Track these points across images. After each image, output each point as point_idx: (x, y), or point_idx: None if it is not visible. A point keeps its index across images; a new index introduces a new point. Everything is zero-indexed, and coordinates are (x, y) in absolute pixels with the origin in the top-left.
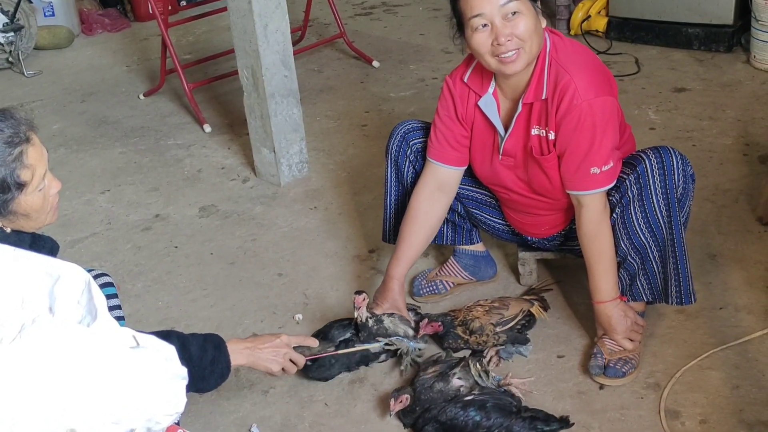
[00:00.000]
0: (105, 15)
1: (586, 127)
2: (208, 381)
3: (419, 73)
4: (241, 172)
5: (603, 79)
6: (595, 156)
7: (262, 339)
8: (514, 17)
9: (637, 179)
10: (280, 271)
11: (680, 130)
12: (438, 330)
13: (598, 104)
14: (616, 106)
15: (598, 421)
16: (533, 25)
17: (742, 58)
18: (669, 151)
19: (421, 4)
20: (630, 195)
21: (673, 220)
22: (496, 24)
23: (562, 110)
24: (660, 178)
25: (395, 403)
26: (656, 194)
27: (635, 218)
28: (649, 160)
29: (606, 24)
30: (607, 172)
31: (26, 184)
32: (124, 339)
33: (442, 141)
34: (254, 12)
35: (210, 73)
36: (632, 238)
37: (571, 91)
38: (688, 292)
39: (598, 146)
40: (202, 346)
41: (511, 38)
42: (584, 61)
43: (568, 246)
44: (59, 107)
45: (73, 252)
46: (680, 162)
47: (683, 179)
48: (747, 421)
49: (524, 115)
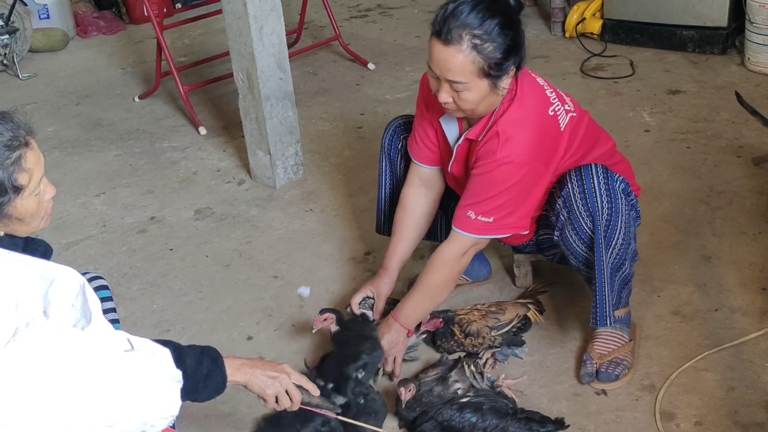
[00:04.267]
0: (100, 17)
1: (491, 176)
2: (200, 394)
3: (414, 76)
4: (237, 174)
5: (540, 150)
6: (480, 204)
7: (263, 362)
8: (460, 87)
9: (564, 203)
10: (275, 274)
11: (675, 132)
12: (438, 326)
13: (514, 166)
14: (537, 177)
15: (593, 422)
16: (478, 99)
17: (737, 60)
18: (590, 170)
19: (416, 6)
20: (562, 218)
21: (595, 241)
22: (442, 84)
23: (482, 152)
24: (581, 199)
25: (405, 392)
26: (581, 215)
27: (572, 239)
28: (570, 183)
29: (601, 26)
30: (482, 223)
31: (23, 188)
32: (118, 342)
33: (419, 141)
34: (249, 14)
35: (205, 76)
36: (577, 257)
37: (496, 142)
38: (604, 315)
39: (490, 198)
40: (199, 358)
41: (451, 101)
42: (529, 127)
43: (545, 254)
44: (54, 110)
45: (68, 255)
46: (602, 179)
47: (608, 196)
48: (742, 422)
49: (464, 148)
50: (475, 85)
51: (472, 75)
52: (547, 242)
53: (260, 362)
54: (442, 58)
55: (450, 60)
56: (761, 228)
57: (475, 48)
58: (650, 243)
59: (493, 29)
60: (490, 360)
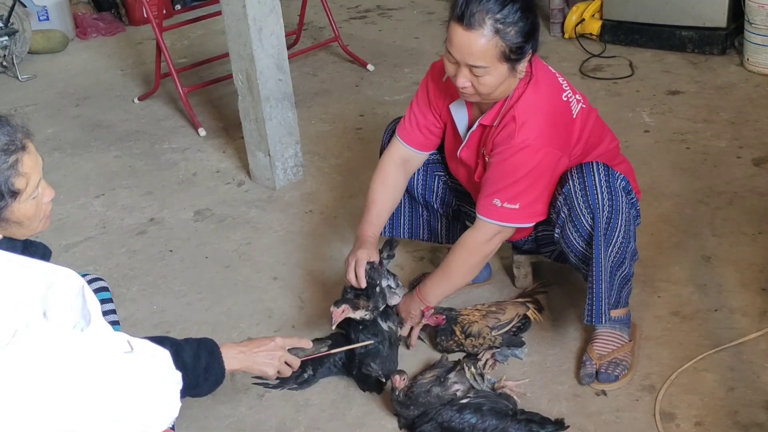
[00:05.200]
0: (99, 19)
1: (510, 162)
2: (201, 388)
3: (414, 77)
4: (236, 175)
5: (553, 132)
6: (504, 190)
7: (256, 342)
8: (480, 72)
9: (564, 200)
10: (275, 275)
11: (674, 133)
12: (440, 323)
13: (531, 150)
14: (554, 161)
15: (593, 423)
16: (497, 83)
17: (736, 61)
18: (591, 168)
19: (415, 8)
20: (563, 215)
21: (594, 238)
22: (461, 69)
23: (499, 138)
24: (582, 196)
25: (400, 380)
26: (582, 212)
27: (572, 237)
28: (572, 180)
29: (600, 27)
30: (509, 210)
31: (20, 192)
32: (118, 344)
33: (414, 124)
34: (249, 16)
35: (205, 77)
36: (577, 254)
37: (515, 128)
38: (599, 312)
39: (512, 184)
40: (196, 353)
41: (469, 86)
42: (544, 111)
43: (542, 251)
44: (54, 111)
45: (68, 256)
46: (604, 176)
47: (609, 194)
48: (742, 423)
49: (477, 134)
50: (495, 69)
51: (493, 59)
52: (546, 239)
53: (253, 343)
54: (464, 43)
55: (472, 44)
56: (761, 228)
57: (498, 32)
58: (650, 243)
59: (515, 13)
60: (490, 361)
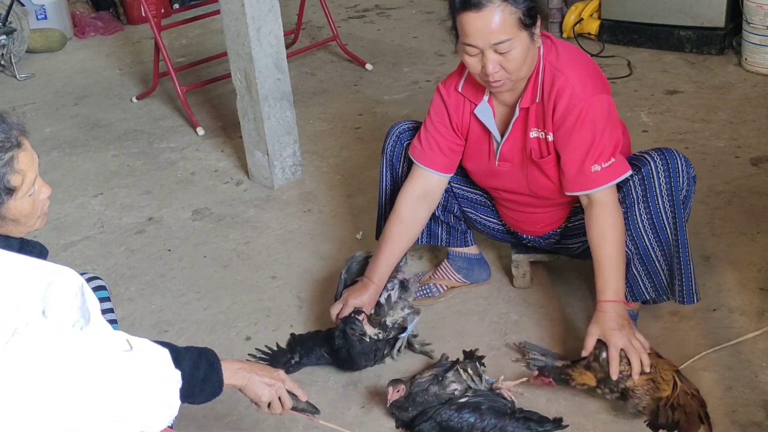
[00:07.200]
0: (98, 18)
1: (585, 126)
2: (197, 397)
3: (412, 76)
4: (235, 175)
5: (597, 79)
6: (594, 153)
7: (259, 366)
8: (505, 50)
9: (641, 181)
10: (273, 274)
11: (673, 133)
12: (550, 385)
13: (595, 102)
14: (612, 104)
15: (591, 422)
16: (524, 54)
17: (734, 61)
18: (674, 154)
19: (414, 7)
20: (634, 196)
21: (678, 223)
22: (486, 55)
23: (560, 111)
24: (665, 180)
25: (393, 392)
26: (661, 196)
27: (639, 220)
28: (654, 162)
29: (598, 27)
30: (609, 168)
31: (16, 190)
32: (117, 342)
33: (434, 147)
34: (247, 15)
35: (203, 76)
36: (636, 239)
37: (568, 92)
38: (691, 292)
39: (598, 143)
40: (195, 362)
41: (499, 70)
42: (577, 62)
43: (563, 245)
44: (52, 110)
45: (66, 255)
46: (684, 164)
47: (687, 181)
48: (740, 422)
49: (521, 120)
50: (518, 39)
51: (513, 28)
52: (578, 229)
53: (257, 366)
54: (481, 25)
55: (490, 22)
56: (760, 228)
57: (506, 1)
58: None
59: None
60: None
